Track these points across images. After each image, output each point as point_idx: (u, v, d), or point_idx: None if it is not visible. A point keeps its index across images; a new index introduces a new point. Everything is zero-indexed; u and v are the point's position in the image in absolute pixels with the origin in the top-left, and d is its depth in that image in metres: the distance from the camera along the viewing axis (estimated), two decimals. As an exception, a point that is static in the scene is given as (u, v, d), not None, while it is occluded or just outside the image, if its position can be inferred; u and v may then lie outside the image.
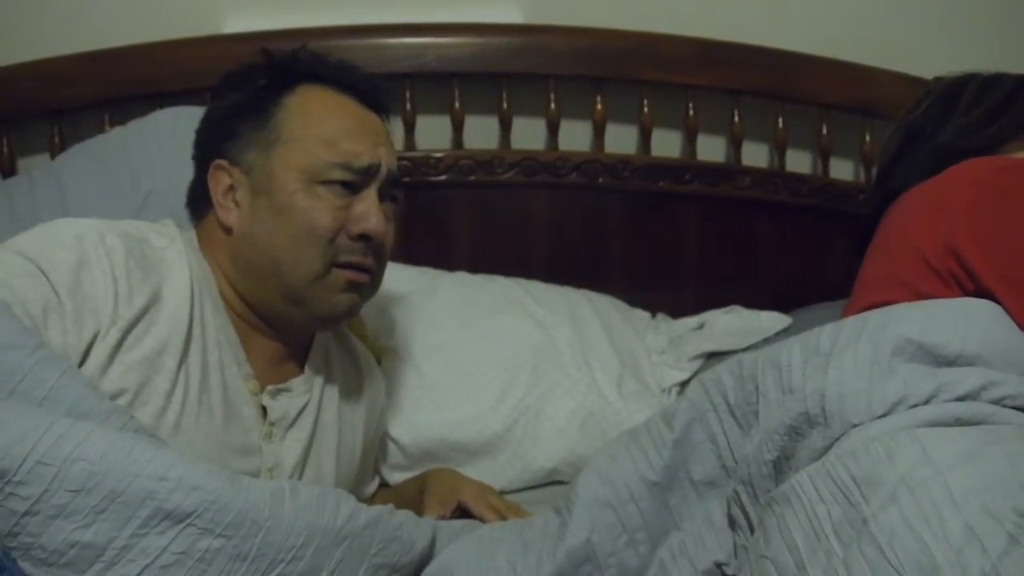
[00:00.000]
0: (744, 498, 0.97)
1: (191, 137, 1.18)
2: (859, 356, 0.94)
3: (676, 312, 1.73)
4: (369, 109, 1.16)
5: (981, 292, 1.07)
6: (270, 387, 1.11)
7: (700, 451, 1.01)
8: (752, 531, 0.96)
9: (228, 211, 1.10)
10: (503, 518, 1.19)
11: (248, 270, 1.09)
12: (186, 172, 1.19)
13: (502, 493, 1.34)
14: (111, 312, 0.97)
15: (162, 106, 1.54)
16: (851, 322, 0.98)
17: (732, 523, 1.00)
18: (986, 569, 0.74)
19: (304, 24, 1.67)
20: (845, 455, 0.88)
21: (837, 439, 0.91)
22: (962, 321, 0.96)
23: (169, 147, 1.36)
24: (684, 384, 1.55)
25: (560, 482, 1.44)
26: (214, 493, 0.83)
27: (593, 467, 1.03)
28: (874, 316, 0.98)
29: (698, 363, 1.58)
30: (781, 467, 0.95)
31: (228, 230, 1.10)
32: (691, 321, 1.69)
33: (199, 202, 1.14)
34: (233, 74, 1.16)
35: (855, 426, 0.91)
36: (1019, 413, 0.91)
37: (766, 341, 1.60)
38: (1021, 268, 1.06)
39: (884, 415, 0.90)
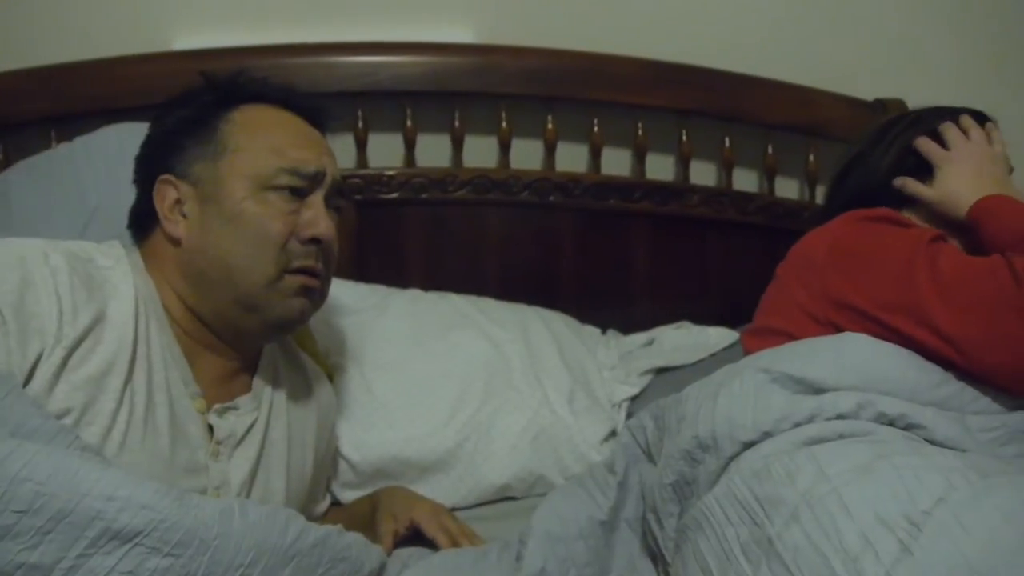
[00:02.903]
0: (652, 525, 1.03)
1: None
2: (745, 385, 1.01)
3: (626, 328, 1.76)
4: (309, 124, 1.18)
5: (872, 327, 1.11)
6: (217, 405, 1.10)
7: (633, 492, 1.09)
8: (667, 560, 1.01)
9: (176, 224, 1.10)
10: (455, 541, 1.20)
11: (199, 281, 1.09)
12: (133, 187, 1.18)
13: (454, 510, 1.35)
14: (55, 331, 0.96)
15: (111, 123, 1.53)
16: (741, 362, 1.08)
17: (652, 557, 1.04)
18: (880, 575, 0.77)
19: (255, 42, 1.67)
20: (748, 477, 0.92)
21: (731, 458, 0.96)
22: (839, 357, 1.04)
23: (116, 163, 1.35)
24: (634, 399, 1.57)
25: (512, 498, 1.45)
26: (162, 512, 0.83)
27: (548, 504, 1.10)
28: (762, 356, 1.07)
29: (648, 378, 1.60)
30: (683, 492, 1.00)
31: (177, 242, 1.10)
32: (641, 337, 1.71)
33: (143, 221, 1.14)
34: (175, 97, 1.17)
35: (745, 444, 0.95)
36: (895, 430, 0.97)
37: (714, 356, 1.64)
38: (891, 294, 1.10)
39: (769, 432, 0.95)
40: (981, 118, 1.32)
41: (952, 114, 1.31)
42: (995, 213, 1.16)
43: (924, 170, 1.27)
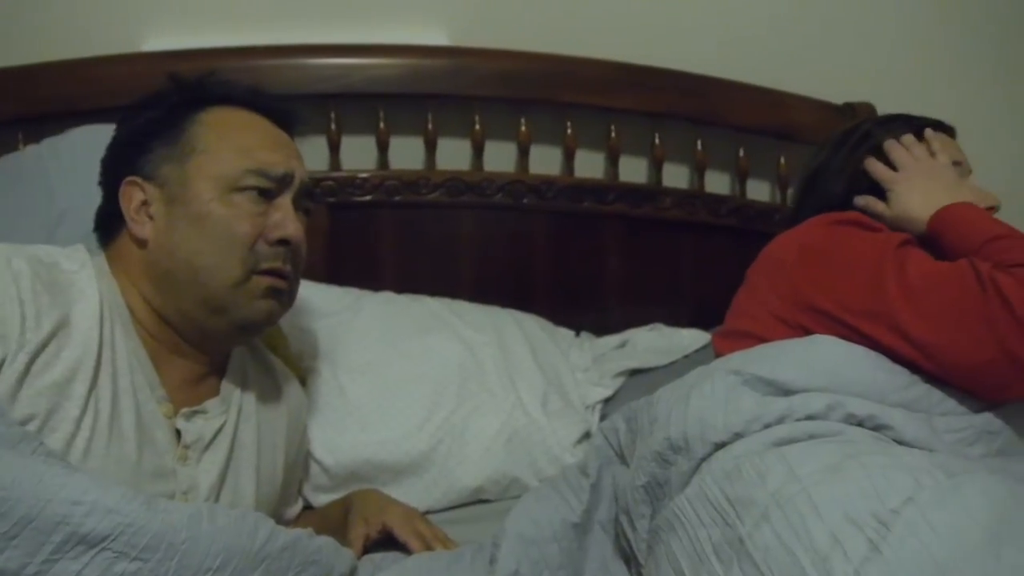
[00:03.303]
0: (625, 527, 1.03)
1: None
2: (716, 386, 1.02)
3: (600, 330, 1.76)
4: (278, 127, 1.17)
5: (840, 330, 1.13)
6: (185, 409, 1.09)
7: (606, 494, 1.09)
8: (640, 562, 1.01)
9: (142, 225, 1.09)
10: (428, 545, 1.20)
11: (166, 282, 1.08)
12: (100, 189, 1.17)
13: (427, 513, 1.34)
14: (18, 336, 0.95)
15: (79, 124, 1.52)
16: (713, 364, 1.09)
17: (625, 558, 1.05)
18: (848, 573, 0.78)
19: (227, 43, 1.66)
20: (720, 478, 0.93)
21: (703, 459, 0.97)
22: (808, 359, 1.05)
23: (85, 165, 1.33)
24: (608, 401, 1.57)
25: (485, 501, 1.45)
26: (129, 516, 0.82)
27: (521, 507, 1.10)
28: (733, 358, 1.07)
29: (621, 380, 1.60)
30: (655, 493, 1.01)
31: (143, 244, 1.09)
32: (614, 339, 1.72)
33: (109, 223, 1.13)
34: (142, 99, 1.16)
35: (716, 445, 0.96)
36: (864, 430, 0.98)
37: (687, 358, 1.64)
38: (859, 299, 1.11)
39: (740, 433, 0.96)
40: (939, 126, 1.34)
41: (907, 123, 1.33)
42: (951, 223, 1.18)
43: (878, 193, 1.29)
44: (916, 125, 1.33)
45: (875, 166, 1.29)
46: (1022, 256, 1.08)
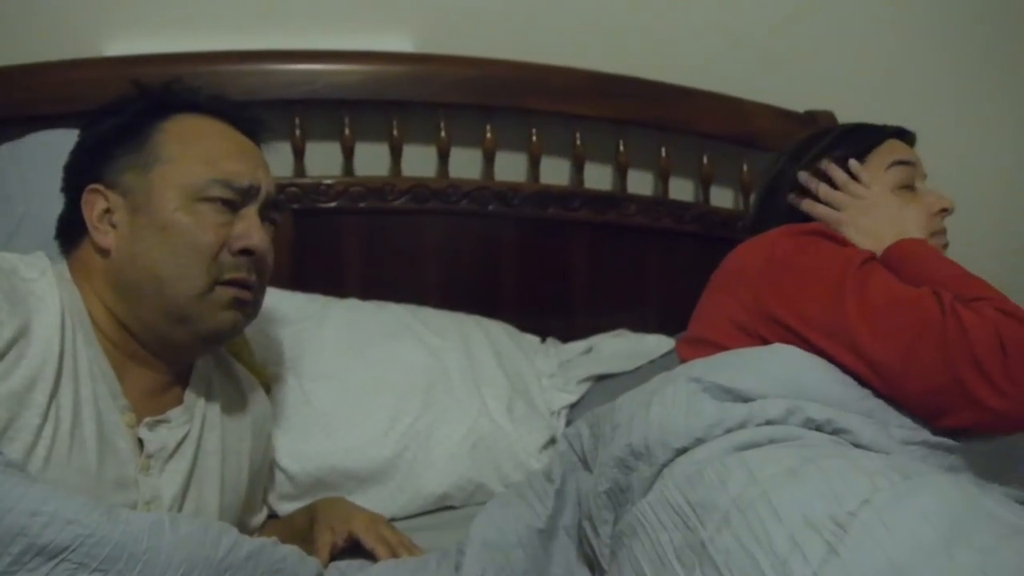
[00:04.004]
0: (588, 533, 1.04)
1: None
2: (677, 393, 1.03)
3: (566, 336, 1.77)
4: (245, 136, 1.17)
5: (798, 343, 1.14)
6: (147, 419, 1.08)
7: (571, 500, 1.09)
8: (604, 567, 1.02)
9: (104, 234, 1.08)
10: (394, 552, 1.19)
11: (128, 292, 1.07)
12: (60, 196, 1.16)
13: (393, 520, 1.34)
14: (-26, 346, 0.94)
15: (39, 130, 1.49)
16: (674, 371, 1.09)
17: (589, 564, 1.05)
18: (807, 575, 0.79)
19: (190, 48, 1.65)
20: (681, 482, 0.94)
21: (664, 465, 0.98)
22: (768, 369, 1.07)
23: (44, 170, 1.31)
24: (573, 407, 1.58)
25: (451, 507, 1.45)
26: (89, 527, 0.81)
27: (486, 513, 1.10)
28: (694, 365, 1.08)
29: (586, 386, 1.61)
30: (618, 499, 1.02)
31: (105, 253, 1.08)
32: (580, 345, 1.72)
33: (71, 230, 1.12)
34: (106, 105, 1.15)
35: (678, 451, 0.97)
36: (823, 435, 1.00)
37: (652, 364, 1.65)
38: (819, 314, 1.12)
39: (702, 438, 0.97)
40: (900, 133, 1.36)
41: (873, 133, 1.34)
42: (900, 260, 1.19)
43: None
44: (893, 131, 1.35)
45: (815, 208, 1.30)
46: (980, 291, 1.10)
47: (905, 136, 1.36)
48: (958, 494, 0.88)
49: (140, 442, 1.07)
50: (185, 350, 1.13)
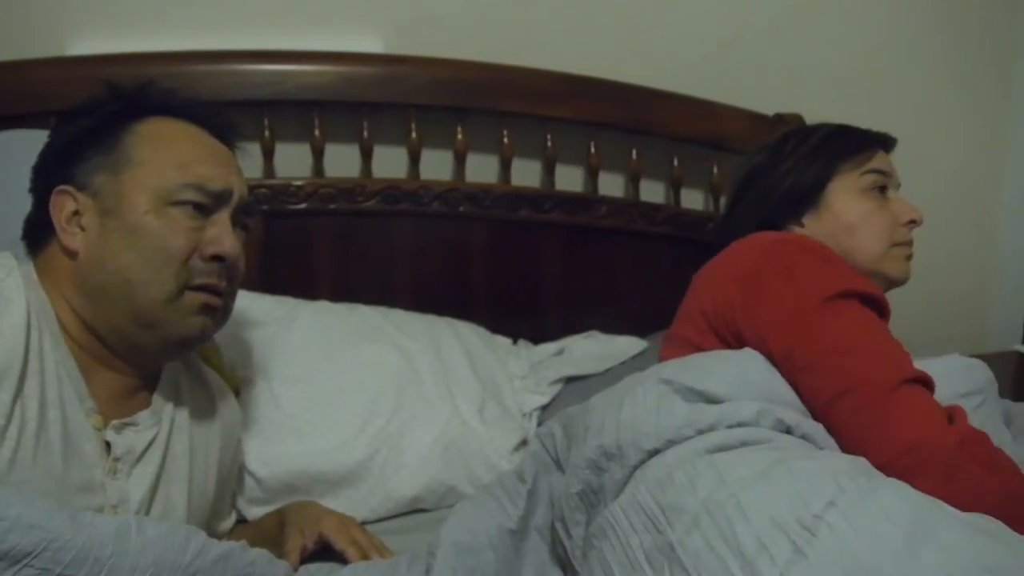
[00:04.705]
0: (561, 534, 1.04)
1: (30, 160, 1.14)
2: (648, 394, 1.03)
3: (537, 338, 1.77)
4: (218, 140, 1.16)
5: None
6: (115, 422, 1.07)
7: (543, 500, 1.09)
8: (575, 568, 1.02)
9: (73, 236, 1.07)
10: (364, 553, 1.19)
11: (96, 295, 1.06)
12: (23, 197, 1.14)
13: (364, 523, 1.33)
14: (-61, 347, 0.92)
15: (2, 129, 1.47)
16: (645, 372, 1.09)
17: (562, 564, 1.05)
18: None
19: (157, 48, 1.63)
20: (652, 485, 0.95)
21: (636, 467, 0.98)
22: (739, 373, 1.07)
23: (7, 170, 1.29)
24: (545, 408, 1.58)
25: (423, 510, 1.44)
26: (53, 531, 0.80)
27: (457, 515, 1.09)
28: (665, 367, 1.09)
29: (558, 387, 1.61)
30: (590, 500, 1.02)
31: (73, 255, 1.07)
32: (551, 346, 1.73)
33: (38, 232, 1.10)
34: (77, 106, 1.13)
35: (650, 453, 0.97)
36: (792, 437, 1.01)
37: (623, 365, 1.66)
38: (775, 337, 1.12)
39: (673, 440, 0.98)
40: (884, 141, 1.38)
41: (858, 138, 1.36)
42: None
43: (813, 196, 1.33)
44: (859, 139, 1.36)
45: None
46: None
47: (888, 144, 1.38)
48: (920, 494, 0.89)
49: (107, 445, 1.06)
50: (153, 355, 1.11)
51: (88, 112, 1.12)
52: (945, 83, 2.16)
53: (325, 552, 1.21)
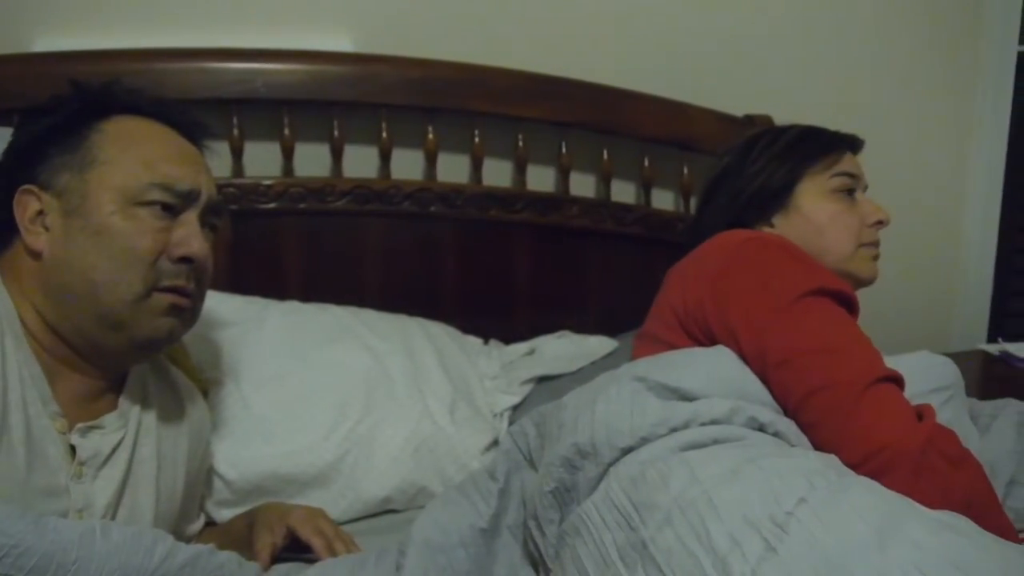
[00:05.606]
0: (534, 532, 1.04)
1: None
2: (622, 392, 1.04)
3: (508, 338, 1.77)
4: (186, 139, 1.14)
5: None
6: (80, 425, 1.05)
7: (515, 499, 1.09)
8: (548, 566, 1.02)
9: (37, 236, 1.05)
10: (329, 544, 1.18)
11: (61, 296, 1.04)
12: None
13: (335, 526, 1.32)
14: None
15: (-35, 127, 1.45)
16: (618, 370, 1.09)
17: (534, 563, 1.05)
18: (746, 573, 0.81)
19: (124, 45, 1.61)
20: (625, 483, 0.95)
21: (610, 465, 0.98)
22: (712, 370, 1.08)
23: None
24: (516, 408, 1.58)
25: (394, 511, 1.44)
26: (15, 536, 0.79)
27: (428, 513, 1.09)
28: (639, 365, 1.09)
29: (529, 387, 1.61)
30: (563, 498, 1.02)
31: (37, 255, 1.05)
32: (522, 346, 1.73)
33: (1, 232, 1.08)
34: (42, 103, 1.12)
35: (624, 451, 0.98)
36: (765, 435, 1.02)
37: (594, 365, 1.66)
38: (758, 331, 1.13)
39: (646, 438, 0.98)
40: (852, 143, 1.39)
41: (827, 140, 1.37)
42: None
43: (782, 197, 1.34)
44: (827, 141, 1.37)
45: None
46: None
47: (855, 146, 1.40)
48: (889, 491, 0.90)
49: (72, 449, 1.04)
50: (119, 357, 1.10)
51: (53, 110, 1.10)
52: (911, 84, 2.18)
53: (295, 547, 1.20)
